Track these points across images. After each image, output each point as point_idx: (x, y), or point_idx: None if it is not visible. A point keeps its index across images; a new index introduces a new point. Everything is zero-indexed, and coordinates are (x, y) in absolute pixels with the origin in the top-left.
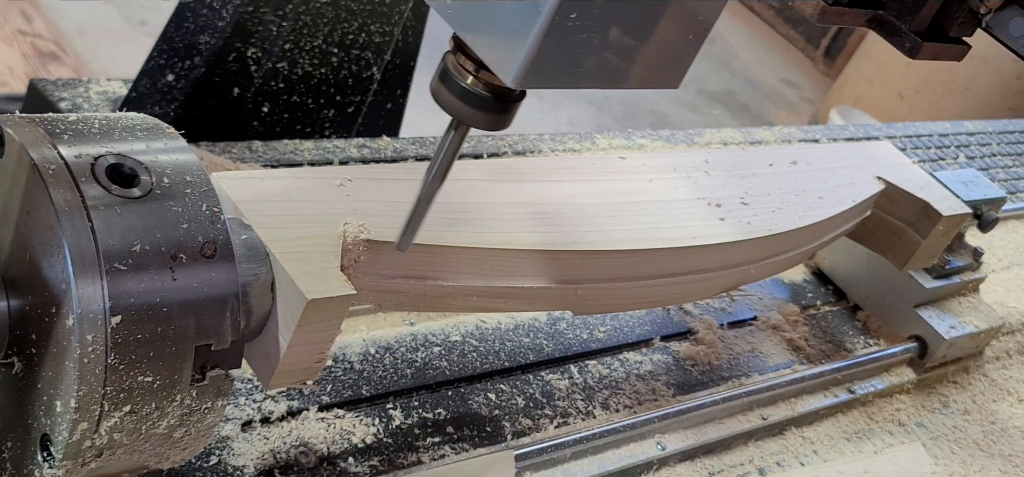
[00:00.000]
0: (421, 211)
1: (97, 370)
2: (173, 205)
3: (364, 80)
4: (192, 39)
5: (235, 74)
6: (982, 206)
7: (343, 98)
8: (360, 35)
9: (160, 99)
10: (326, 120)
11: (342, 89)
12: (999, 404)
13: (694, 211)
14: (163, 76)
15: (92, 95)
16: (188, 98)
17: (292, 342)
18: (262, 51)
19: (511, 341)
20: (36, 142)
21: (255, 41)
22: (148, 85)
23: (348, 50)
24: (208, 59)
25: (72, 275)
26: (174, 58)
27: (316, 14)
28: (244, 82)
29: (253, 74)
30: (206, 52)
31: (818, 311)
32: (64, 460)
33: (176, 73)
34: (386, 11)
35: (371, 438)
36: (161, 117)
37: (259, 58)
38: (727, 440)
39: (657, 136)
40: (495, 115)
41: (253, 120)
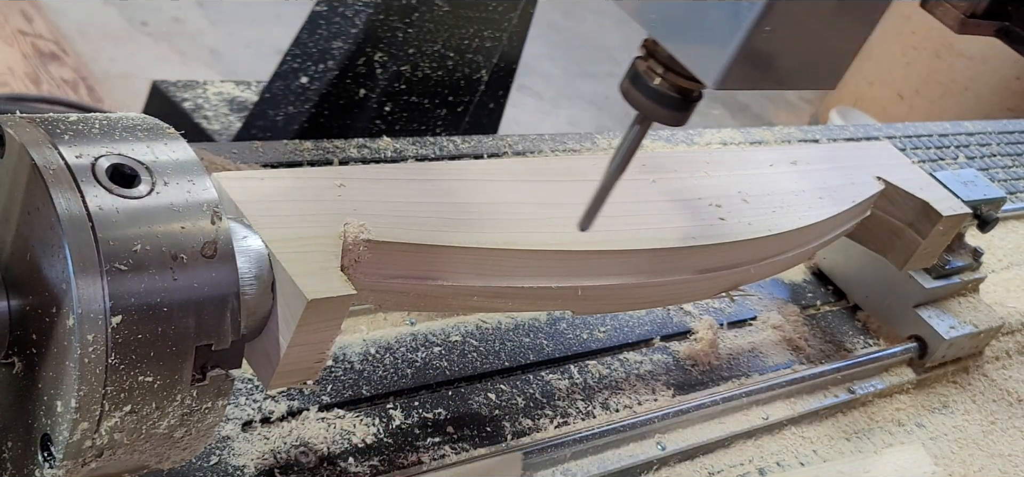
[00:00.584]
0: (602, 196)
1: (97, 370)
2: (173, 205)
3: (474, 81)
4: (326, 44)
5: (363, 77)
6: (982, 206)
7: (455, 98)
8: (474, 40)
9: (294, 99)
10: (438, 118)
11: (455, 89)
12: (999, 404)
13: (694, 211)
14: (297, 78)
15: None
16: (321, 99)
17: (292, 342)
18: (388, 55)
19: (511, 341)
20: (37, 142)
21: (383, 46)
22: (282, 87)
23: (462, 54)
24: (341, 63)
25: (73, 275)
26: (308, 62)
27: (438, 22)
28: (370, 84)
29: (379, 76)
30: (339, 56)
31: (818, 311)
32: (64, 460)
33: (309, 75)
34: (497, 18)
35: (371, 438)
36: (295, 116)
37: (385, 62)
38: (727, 440)
39: (656, 136)
40: (678, 112)
41: (376, 119)
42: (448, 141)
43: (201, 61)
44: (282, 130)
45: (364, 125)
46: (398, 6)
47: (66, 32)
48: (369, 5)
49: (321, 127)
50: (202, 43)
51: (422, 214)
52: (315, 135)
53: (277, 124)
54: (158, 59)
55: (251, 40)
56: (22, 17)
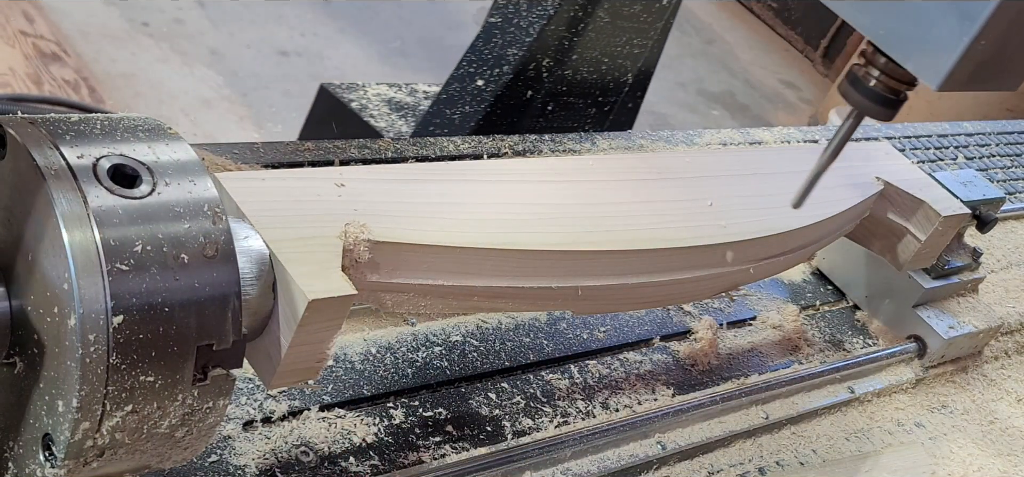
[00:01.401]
0: (815, 179)
1: (99, 370)
2: (175, 205)
3: (620, 83)
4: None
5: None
6: (981, 206)
7: (603, 98)
8: (625, 47)
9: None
10: (588, 117)
11: (604, 91)
12: (998, 404)
13: (694, 211)
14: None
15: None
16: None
17: (293, 342)
18: (555, 61)
19: (511, 341)
20: (38, 143)
21: (551, 53)
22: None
23: (614, 59)
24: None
25: (74, 275)
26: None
27: (599, 31)
28: (537, 86)
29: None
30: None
31: (818, 311)
32: (66, 460)
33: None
34: (646, 28)
35: (372, 438)
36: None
37: (551, 67)
38: (727, 439)
39: (657, 137)
40: (888, 109)
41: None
42: (448, 141)
43: (202, 62)
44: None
45: (529, 123)
46: (567, 18)
47: (67, 33)
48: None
49: (493, 125)
50: (203, 44)
51: (422, 214)
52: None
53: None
54: (159, 60)
55: (252, 41)
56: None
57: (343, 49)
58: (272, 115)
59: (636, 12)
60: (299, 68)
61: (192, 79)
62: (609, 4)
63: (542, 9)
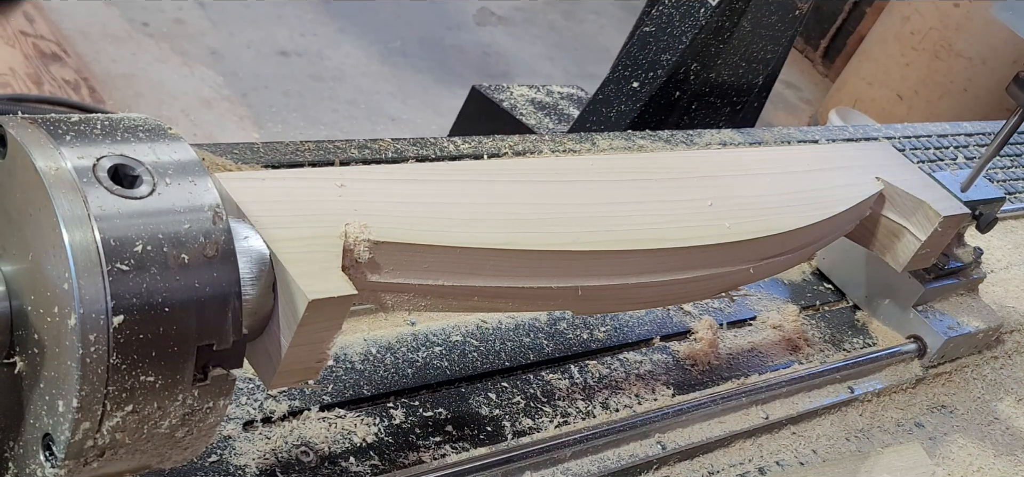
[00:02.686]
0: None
1: (99, 370)
2: (175, 205)
3: (752, 85)
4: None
5: (680, 82)
6: (981, 206)
7: (737, 98)
8: (760, 52)
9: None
10: (722, 114)
11: (739, 91)
12: (998, 404)
13: (694, 211)
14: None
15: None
16: (649, 100)
17: (293, 342)
18: (701, 65)
19: (511, 341)
20: (38, 143)
21: (699, 58)
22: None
23: (750, 63)
24: (668, 72)
25: (74, 275)
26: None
27: (741, 38)
28: (684, 87)
29: (692, 82)
30: (667, 66)
31: (818, 311)
32: (66, 460)
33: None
34: (779, 36)
35: (372, 438)
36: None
37: (698, 70)
38: (727, 439)
39: (657, 137)
40: None
41: (684, 115)
42: (448, 141)
43: (202, 62)
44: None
45: (674, 119)
46: (716, 27)
47: (68, 33)
48: (695, 27)
49: (644, 122)
50: (203, 44)
51: (422, 214)
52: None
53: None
54: (159, 60)
55: (252, 41)
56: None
57: (343, 49)
58: (272, 115)
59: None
60: (299, 68)
61: (192, 79)
62: (752, 15)
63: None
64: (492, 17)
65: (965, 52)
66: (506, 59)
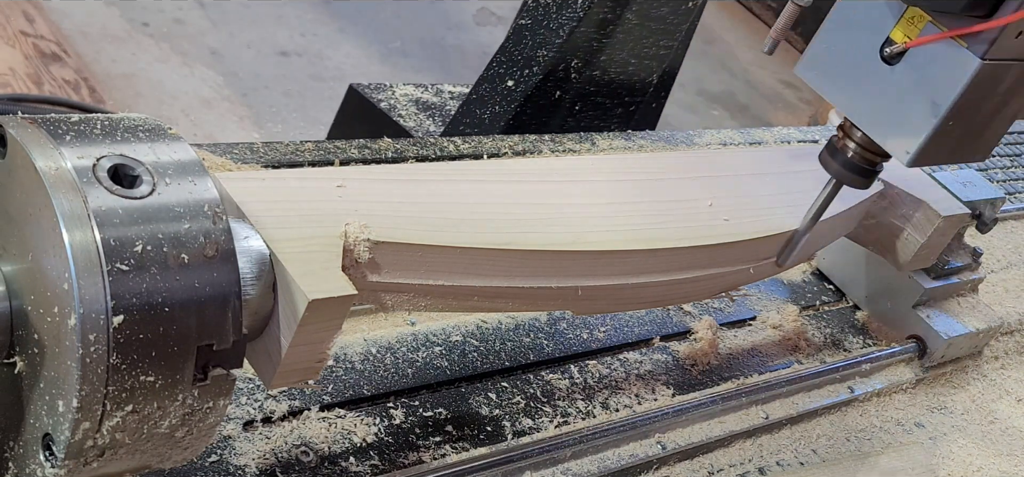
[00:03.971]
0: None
1: (99, 370)
2: (175, 205)
3: (646, 84)
4: (531, 52)
5: (561, 80)
6: (981, 206)
7: (630, 98)
8: (652, 48)
9: (500, 100)
10: (614, 116)
11: (631, 91)
12: (998, 404)
13: (694, 211)
14: (503, 82)
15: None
16: (525, 99)
17: (293, 342)
18: (583, 62)
19: (511, 341)
20: (38, 143)
21: (580, 54)
22: (488, 89)
23: (641, 60)
24: (545, 69)
25: (74, 275)
26: (513, 67)
27: (627, 32)
28: (565, 86)
29: (574, 80)
30: (543, 63)
31: (818, 311)
32: (66, 460)
33: (515, 79)
34: (672, 30)
35: (372, 438)
36: (501, 115)
37: (580, 68)
38: (727, 439)
39: (657, 137)
40: (864, 178)
41: (568, 117)
42: (448, 142)
43: (202, 62)
44: (488, 126)
45: (558, 122)
46: (597, 20)
47: (68, 33)
48: (573, 19)
49: (522, 124)
50: (203, 44)
51: (422, 214)
52: (516, 131)
53: (484, 121)
54: (159, 60)
55: (252, 41)
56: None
57: (343, 49)
58: (272, 115)
59: (663, 14)
60: (299, 68)
61: (192, 79)
62: (637, 6)
63: (572, 12)
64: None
65: None
66: None
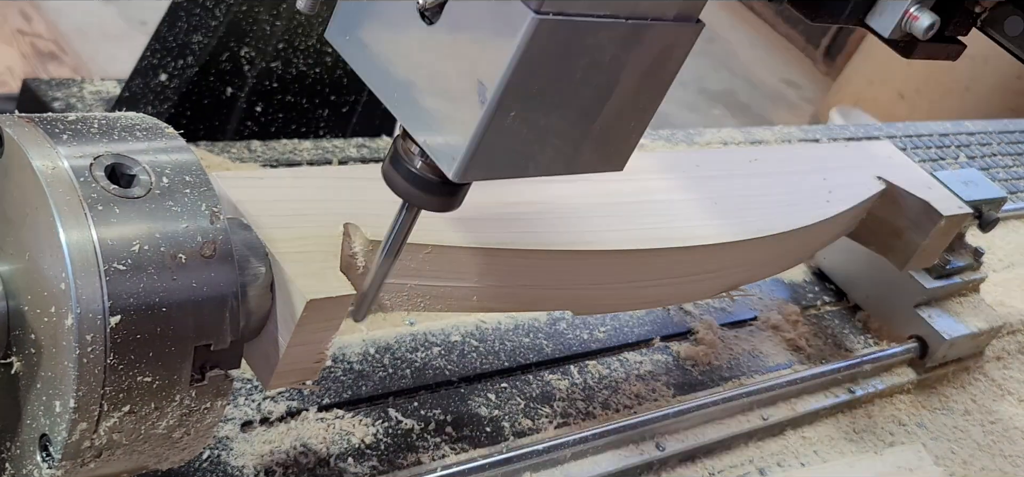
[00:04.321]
0: (375, 288)
1: (96, 370)
2: (172, 205)
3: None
4: (185, 39)
5: (229, 74)
6: (983, 206)
7: (338, 97)
8: None
9: (153, 99)
10: (321, 119)
11: (337, 88)
12: (999, 404)
13: (694, 211)
14: (156, 76)
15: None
16: (182, 97)
17: (291, 342)
18: (256, 51)
19: (511, 341)
20: (35, 142)
21: (249, 41)
22: (141, 85)
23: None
24: (201, 59)
25: (71, 275)
26: (167, 58)
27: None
28: (238, 82)
29: (247, 74)
30: (199, 51)
31: (818, 311)
32: (63, 460)
33: (169, 73)
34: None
35: (371, 438)
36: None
37: (252, 58)
38: (727, 440)
39: (657, 136)
40: (443, 198)
41: (247, 120)
42: None
43: None
44: None
45: (234, 126)
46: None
47: (65, 31)
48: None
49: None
50: None
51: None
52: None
53: None
54: None
55: None
56: (21, 16)
57: None
58: None
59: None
60: None
61: None
62: None
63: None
64: None
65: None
66: None
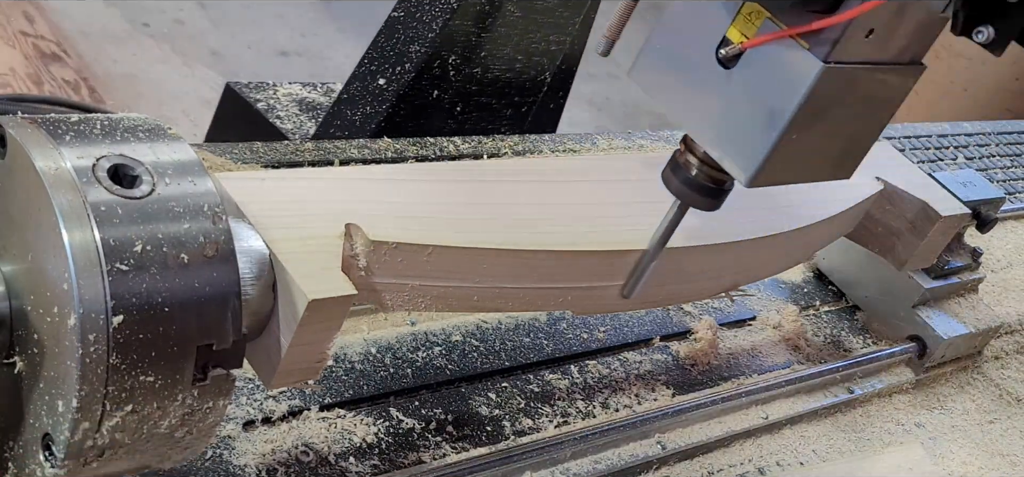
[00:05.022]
0: (646, 265)
1: (99, 370)
2: (175, 205)
3: (539, 83)
4: (403, 48)
5: (437, 78)
6: (981, 207)
7: (520, 98)
8: (541, 43)
9: (371, 100)
10: (504, 118)
11: (521, 90)
12: (997, 404)
13: (693, 211)
14: (374, 80)
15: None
16: (398, 99)
17: (293, 342)
18: (462, 58)
19: (511, 341)
20: (38, 143)
21: (457, 50)
22: (359, 88)
23: (530, 57)
24: (417, 65)
25: (74, 275)
26: (385, 64)
27: (510, 26)
28: (444, 85)
29: (452, 78)
30: (416, 59)
31: (817, 311)
32: (66, 460)
33: (387, 77)
34: (563, 23)
35: (372, 438)
36: (372, 116)
37: (458, 64)
38: (726, 439)
39: (657, 137)
40: (710, 199)
41: (449, 119)
42: (448, 142)
43: (203, 62)
44: (359, 129)
45: (437, 124)
46: (473, 12)
47: (68, 33)
48: (446, 11)
49: (396, 126)
50: (204, 44)
51: (422, 214)
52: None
53: (355, 123)
54: (160, 60)
55: (252, 41)
56: (24, 18)
57: (343, 49)
58: None
59: (551, 6)
60: (299, 68)
61: (193, 79)
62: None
63: (445, 3)
64: None
65: (965, 52)
66: None
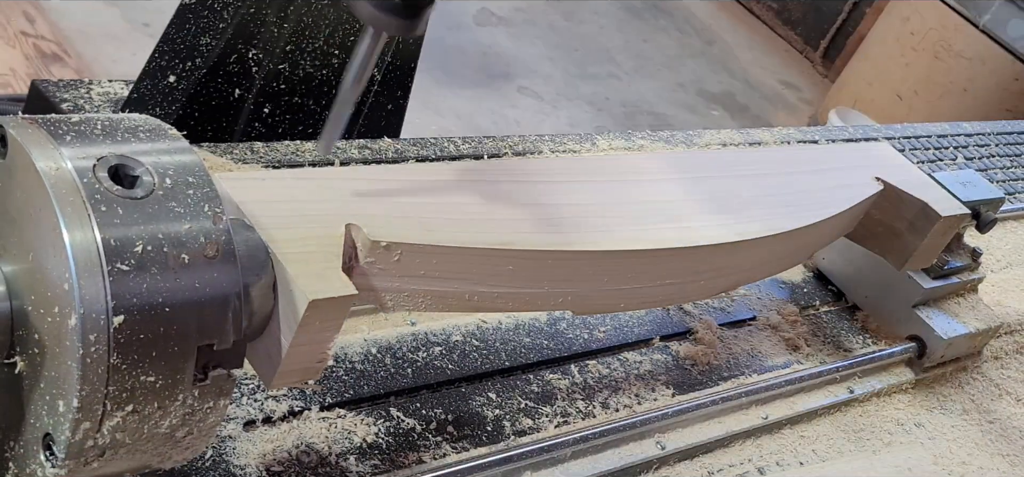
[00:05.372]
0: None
1: (99, 370)
2: (175, 206)
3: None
4: (193, 41)
5: (237, 75)
6: (980, 207)
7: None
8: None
9: (162, 100)
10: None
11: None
12: (997, 404)
13: (693, 212)
14: (165, 77)
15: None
16: (190, 99)
17: (294, 342)
18: (263, 53)
19: (511, 341)
20: (38, 143)
21: (257, 43)
22: (149, 86)
23: (349, 51)
24: (209, 60)
25: (74, 275)
26: (175, 59)
27: (318, 16)
28: (246, 84)
29: (255, 75)
30: (207, 53)
31: (817, 311)
32: (66, 460)
33: (177, 74)
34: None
35: (372, 438)
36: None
37: (260, 59)
38: (726, 439)
39: (657, 137)
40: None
41: (255, 122)
42: (448, 141)
43: None
44: None
45: (242, 128)
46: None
47: (68, 33)
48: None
49: (192, 130)
50: None
51: (422, 214)
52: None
53: None
54: None
55: None
56: (24, 18)
57: None
58: None
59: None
60: None
61: None
62: None
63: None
64: (492, 17)
65: (965, 52)
66: (506, 59)
